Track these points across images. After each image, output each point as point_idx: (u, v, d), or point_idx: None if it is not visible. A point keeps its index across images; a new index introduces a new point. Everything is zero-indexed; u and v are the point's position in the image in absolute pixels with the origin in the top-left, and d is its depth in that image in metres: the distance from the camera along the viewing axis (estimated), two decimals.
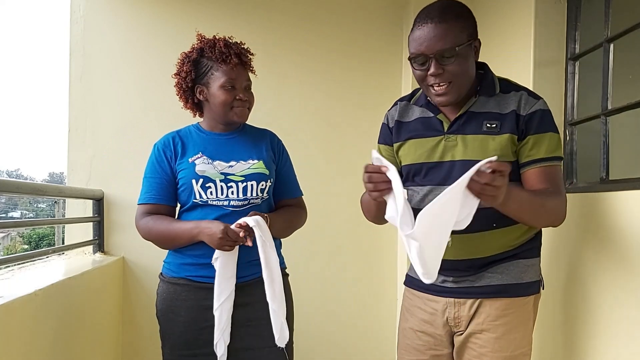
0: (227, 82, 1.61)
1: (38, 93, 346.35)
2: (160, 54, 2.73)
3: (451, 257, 1.41)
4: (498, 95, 1.40)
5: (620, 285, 1.47)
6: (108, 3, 2.70)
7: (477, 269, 1.43)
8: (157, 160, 1.68)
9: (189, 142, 1.68)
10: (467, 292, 1.43)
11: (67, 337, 1.87)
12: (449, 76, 1.33)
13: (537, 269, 1.47)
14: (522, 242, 1.44)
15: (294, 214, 1.75)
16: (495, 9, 2.31)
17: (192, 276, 1.63)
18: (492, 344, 1.39)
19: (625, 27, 1.65)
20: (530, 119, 1.36)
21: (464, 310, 1.43)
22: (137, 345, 2.68)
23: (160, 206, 1.66)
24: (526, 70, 2.03)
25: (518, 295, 1.41)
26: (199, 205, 1.62)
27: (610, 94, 1.74)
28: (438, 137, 1.43)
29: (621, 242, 1.47)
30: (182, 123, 2.70)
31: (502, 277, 1.42)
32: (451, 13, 1.33)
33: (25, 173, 53.71)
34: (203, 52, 1.65)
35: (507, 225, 1.39)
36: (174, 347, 1.64)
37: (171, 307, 1.64)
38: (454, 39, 1.30)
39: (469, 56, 1.35)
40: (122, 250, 2.67)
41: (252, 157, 1.66)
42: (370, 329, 2.92)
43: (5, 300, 1.38)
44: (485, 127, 1.37)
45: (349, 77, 2.89)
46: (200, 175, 1.61)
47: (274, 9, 2.81)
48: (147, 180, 1.69)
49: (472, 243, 1.40)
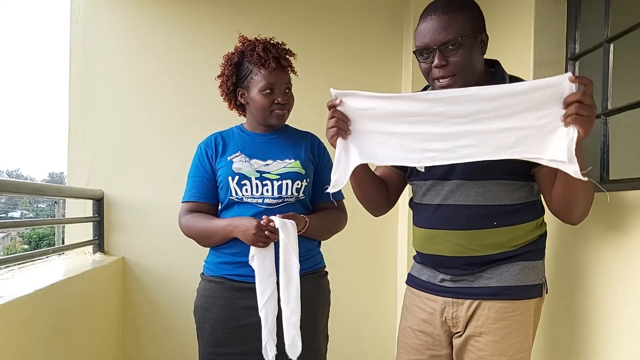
0: (266, 87, 1.63)
1: (38, 93, 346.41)
2: (161, 53, 2.73)
3: (449, 254, 1.42)
4: None
5: (623, 286, 1.46)
6: (108, 3, 2.71)
7: (475, 267, 1.41)
8: (200, 159, 1.71)
9: (230, 142, 1.71)
10: (465, 292, 1.42)
11: (67, 337, 1.87)
12: (452, 68, 1.32)
13: (540, 272, 1.44)
14: (524, 243, 1.41)
15: (334, 217, 1.75)
16: (495, 9, 2.31)
17: (228, 275, 1.64)
18: (492, 348, 1.38)
19: (625, 27, 1.65)
20: None
21: (461, 311, 1.42)
22: (137, 345, 2.68)
23: (201, 204, 1.69)
24: (526, 70, 2.03)
25: (517, 298, 1.39)
26: (235, 203, 1.65)
27: (610, 94, 1.74)
28: None
29: (621, 243, 1.47)
30: (182, 123, 2.72)
31: (501, 279, 1.39)
32: (454, 5, 1.33)
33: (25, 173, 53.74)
34: (244, 55, 1.67)
35: (508, 225, 1.38)
36: (205, 344, 1.65)
37: (205, 305, 1.65)
38: (456, 30, 1.30)
39: (473, 48, 1.34)
40: (122, 250, 2.67)
41: (289, 157, 1.67)
42: (370, 328, 2.92)
43: (5, 300, 1.38)
44: None
45: (348, 77, 2.88)
46: (237, 172, 1.63)
47: (273, 9, 2.82)
48: (190, 179, 1.72)
49: (471, 240, 1.39)
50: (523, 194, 1.40)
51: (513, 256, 1.40)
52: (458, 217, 1.39)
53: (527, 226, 1.40)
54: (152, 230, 2.68)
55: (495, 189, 1.37)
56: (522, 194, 1.40)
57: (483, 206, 1.23)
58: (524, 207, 1.40)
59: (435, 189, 1.43)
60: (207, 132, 1.77)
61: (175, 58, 2.74)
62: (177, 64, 2.73)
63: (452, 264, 1.43)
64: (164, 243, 2.67)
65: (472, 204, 1.37)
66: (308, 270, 1.65)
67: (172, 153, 2.70)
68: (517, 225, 1.39)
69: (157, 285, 2.69)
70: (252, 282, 1.55)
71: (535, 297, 1.42)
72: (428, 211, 1.46)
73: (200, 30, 2.75)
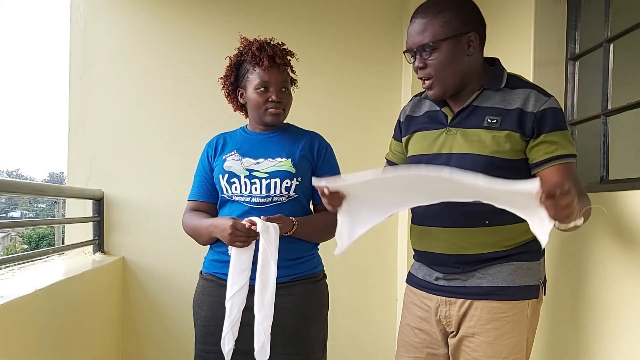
0: (260, 85, 1.64)
1: (38, 93, 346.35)
2: (161, 53, 2.73)
3: (440, 251, 1.43)
4: (505, 90, 1.38)
5: (624, 286, 1.46)
6: (108, 3, 2.71)
7: (467, 266, 1.40)
8: (202, 159, 1.76)
9: (230, 142, 1.74)
10: (457, 291, 1.42)
11: (67, 337, 1.87)
12: (430, 70, 1.36)
13: (536, 273, 1.41)
14: (517, 244, 1.39)
15: (329, 220, 1.64)
16: (495, 9, 2.31)
17: (217, 273, 1.66)
18: (485, 349, 1.37)
19: (625, 27, 1.65)
20: (542, 117, 1.32)
21: (454, 310, 1.42)
22: (137, 345, 2.68)
23: (201, 203, 1.73)
24: (526, 70, 2.03)
25: (510, 299, 1.37)
26: (227, 201, 1.67)
27: (610, 94, 1.74)
28: (441, 129, 1.44)
29: (622, 243, 1.47)
30: (183, 123, 2.72)
31: (493, 279, 1.38)
32: (435, 8, 1.35)
33: (25, 173, 53.70)
34: (242, 55, 1.69)
35: (500, 224, 1.36)
36: (196, 340, 1.68)
37: (198, 301, 1.69)
38: (432, 33, 1.33)
39: (455, 50, 1.34)
40: (122, 250, 2.67)
41: (280, 155, 1.67)
42: (370, 328, 2.92)
43: (5, 300, 1.38)
44: (487, 122, 1.36)
45: (348, 77, 2.89)
46: (227, 170, 1.65)
47: (273, 9, 2.81)
48: (195, 178, 1.77)
49: (462, 238, 1.39)
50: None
51: (506, 256, 1.39)
52: (450, 215, 1.39)
53: (520, 227, 1.30)
54: (152, 230, 2.68)
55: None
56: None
57: (474, 203, 1.21)
58: None
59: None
60: (207, 132, 1.78)
61: (175, 58, 2.74)
62: (177, 64, 2.73)
63: (444, 262, 1.43)
64: (164, 243, 2.67)
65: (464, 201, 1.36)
66: (301, 275, 1.64)
67: (172, 153, 2.70)
68: (510, 225, 1.35)
69: (157, 285, 2.68)
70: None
71: (530, 298, 1.39)
72: (422, 208, 1.45)
73: (200, 30, 2.75)
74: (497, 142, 1.34)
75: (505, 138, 1.34)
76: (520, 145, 1.35)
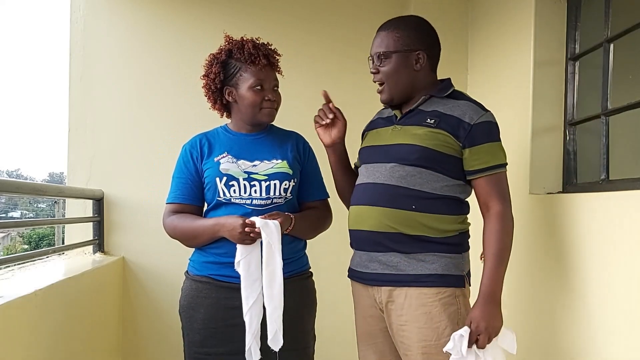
0: (256, 83, 1.64)
1: (38, 93, 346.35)
2: (161, 53, 2.73)
3: (370, 228, 1.54)
4: (449, 100, 1.55)
5: (623, 285, 1.47)
6: (108, 3, 2.71)
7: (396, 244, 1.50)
8: (184, 161, 1.72)
9: (216, 143, 1.71)
10: (384, 279, 1.53)
11: (67, 337, 1.87)
12: (381, 76, 1.59)
13: (460, 264, 1.53)
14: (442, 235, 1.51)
15: (319, 216, 1.76)
16: (496, 9, 2.32)
17: (214, 275, 1.64)
18: (417, 334, 1.48)
19: (625, 27, 1.65)
20: (476, 129, 1.49)
21: (383, 296, 1.54)
22: (137, 345, 2.68)
23: (185, 205, 1.69)
24: (526, 70, 2.03)
25: (435, 286, 1.48)
26: (223, 204, 1.65)
27: (610, 94, 1.74)
28: (389, 126, 1.62)
29: (622, 242, 1.47)
30: (183, 123, 2.72)
31: (418, 267, 1.50)
32: (394, 25, 1.58)
33: (25, 173, 53.67)
34: (231, 53, 1.67)
35: (426, 212, 1.50)
36: (191, 344, 1.66)
37: (192, 304, 1.66)
38: (386, 45, 1.56)
39: (403, 63, 1.55)
40: (122, 250, 2.67)
41: (276, 157, 1.68)
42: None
43: (5, 300, 1.38)
44: (426, 121, 1.53)
45: (348, 77, 2.87)
46: (224, 173, 1.63)
47: (273, 9, 2.81)
48: (175, 180, 1.73)
49: (391, 218, 1.50)
50: (445, 188, 1.51)
51: (432, 246, 1.50)
52: (381, 194, 1.53)
53: (445, 218, 1.52)
54: (152, 230, 2.67)
55: (419, 175, 1.50)
56: (444, 187, 1.51)
57: (404, 188, 1.48)
58: (443, 199, 1.51)
59: (366, 168, 1.61)
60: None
61: (175, 58, 2.74)
62: (177, 64, 2.73)
63: (373, 239, 1.53)
64: (164, 243, 2.63)
65: (395, 184, 1.52)
66: (293, 273, 1.66)
67: (172, 153, 2.66)
68: (435, 214, 1.50)
69: (157, 285, 2.68)
70: (239, 282, 1.56)
71: (456, 286, 1.51)
72: (359, 189, 1.61)
73: (200, 30, 2.75)
74: (431, 137, 1.50)
75: (439, 135, 1.50)
76: (453, 145, 1.50)
